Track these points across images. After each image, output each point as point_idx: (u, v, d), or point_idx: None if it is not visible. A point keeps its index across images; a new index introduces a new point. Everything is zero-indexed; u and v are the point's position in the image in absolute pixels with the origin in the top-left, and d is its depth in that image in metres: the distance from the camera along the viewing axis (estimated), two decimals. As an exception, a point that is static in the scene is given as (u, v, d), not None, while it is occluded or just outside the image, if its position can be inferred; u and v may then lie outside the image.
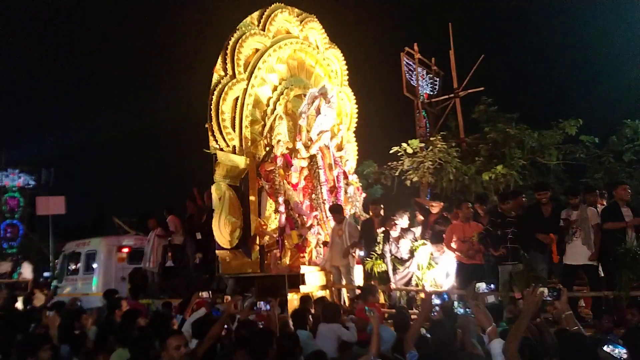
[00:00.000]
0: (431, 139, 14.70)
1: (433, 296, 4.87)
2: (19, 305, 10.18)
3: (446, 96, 17.44)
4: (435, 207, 9.24)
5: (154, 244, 11.04)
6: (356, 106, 12.48)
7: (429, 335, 4.49)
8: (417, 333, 4.04)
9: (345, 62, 12.24)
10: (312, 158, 10.15)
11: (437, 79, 18.45)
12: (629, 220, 6.92)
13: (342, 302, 8.64)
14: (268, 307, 5.13)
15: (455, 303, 3.71)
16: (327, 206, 9.78)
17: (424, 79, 17.95)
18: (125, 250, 12.30)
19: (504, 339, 3.24)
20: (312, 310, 6.32)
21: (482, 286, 4.02)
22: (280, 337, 4.15)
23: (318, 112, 10.24)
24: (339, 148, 11.36)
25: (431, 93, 18.16)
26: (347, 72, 12.27)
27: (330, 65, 11.70)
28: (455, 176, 13.57)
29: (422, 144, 14.43)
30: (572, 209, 7.37)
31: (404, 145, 14.22)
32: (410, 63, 17.39)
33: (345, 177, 10.94)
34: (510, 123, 14.21)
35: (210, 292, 6.36)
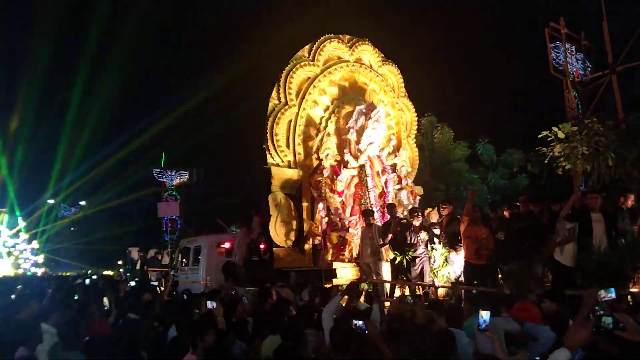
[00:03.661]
0: (585, 121, 13.30)
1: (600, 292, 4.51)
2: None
3: (600, 73, 15.96)
4: (445, 210, 10.27)
5: (240, 241, 13.41)
6: (415, 114, 13.70)
7: None
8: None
9: (400, 75, 13.63)
10: (361, 167, 11.81)
11: (589, 55, 17.04)
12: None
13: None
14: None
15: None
16: (375, 210, 11.32)
17: (572, 55, 16.72)
18: (225, 245, 14.84)
19: None
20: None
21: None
22: (436, 333, 4.15)
23: (367, 126, 11.78)
24: (395, 155, 12.68)
25: (582, 71, 16.97)
26: (403, 84, 13.58)
27: (384, 80, 13.08)
28: (615, 162, 12.26)
29: (575, 128, 13.06)
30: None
31: (555, 129, 12.90)
32: (557, 39, 16.40)
33: (399, 181, 12.31)
34: (679, 98, 12.90)
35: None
